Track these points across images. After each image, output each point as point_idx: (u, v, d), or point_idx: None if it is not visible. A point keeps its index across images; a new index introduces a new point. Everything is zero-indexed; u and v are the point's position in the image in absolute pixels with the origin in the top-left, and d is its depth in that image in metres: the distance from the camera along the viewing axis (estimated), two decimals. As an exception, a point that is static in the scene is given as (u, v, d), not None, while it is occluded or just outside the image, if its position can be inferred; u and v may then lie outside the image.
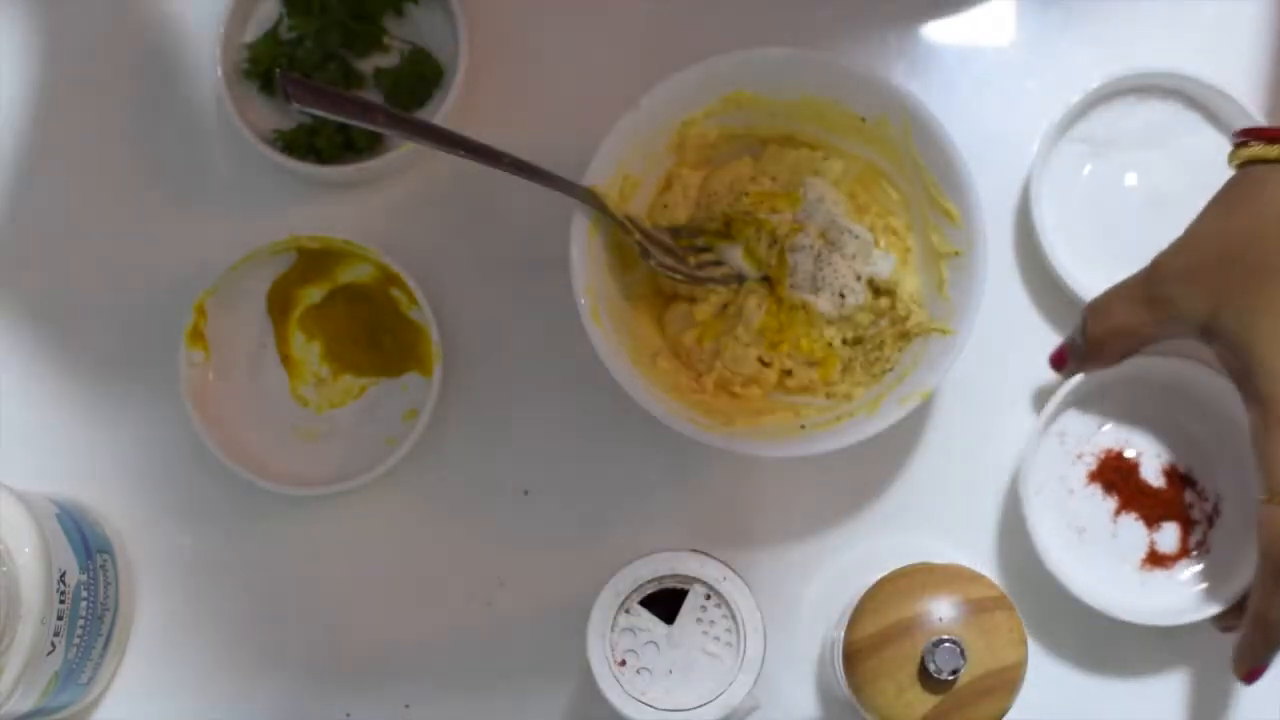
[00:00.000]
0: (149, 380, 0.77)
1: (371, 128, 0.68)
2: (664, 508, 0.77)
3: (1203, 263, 0.68)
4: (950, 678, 0.64)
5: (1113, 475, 0.76)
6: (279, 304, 0.78)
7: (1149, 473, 0.76)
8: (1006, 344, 0.78)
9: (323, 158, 0.77)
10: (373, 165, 0.76)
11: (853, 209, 0.76)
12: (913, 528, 0.77)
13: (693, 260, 0.75)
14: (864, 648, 0.65)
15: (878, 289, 0.75)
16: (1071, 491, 0.76)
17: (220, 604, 0.77)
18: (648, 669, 0.66)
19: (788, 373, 0.75)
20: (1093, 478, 0.76)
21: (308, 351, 0.78)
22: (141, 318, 0.78)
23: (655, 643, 0.66)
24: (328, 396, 0.78)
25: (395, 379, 0.78)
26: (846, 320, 0.75)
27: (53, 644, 0.68)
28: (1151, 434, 0.76)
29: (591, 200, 0.71)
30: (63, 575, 0.68)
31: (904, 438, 0.77)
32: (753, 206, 0.75)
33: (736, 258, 0.75)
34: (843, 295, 0.74)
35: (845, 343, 0.75)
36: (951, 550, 0.77)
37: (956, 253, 0.73)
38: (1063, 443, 0.76)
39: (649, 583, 0.66)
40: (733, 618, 0.66)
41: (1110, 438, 0.76)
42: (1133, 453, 0.76)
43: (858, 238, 0.75)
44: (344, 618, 0.76)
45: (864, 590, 0.67)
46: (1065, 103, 0.77)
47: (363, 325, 0.78)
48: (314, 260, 0.77)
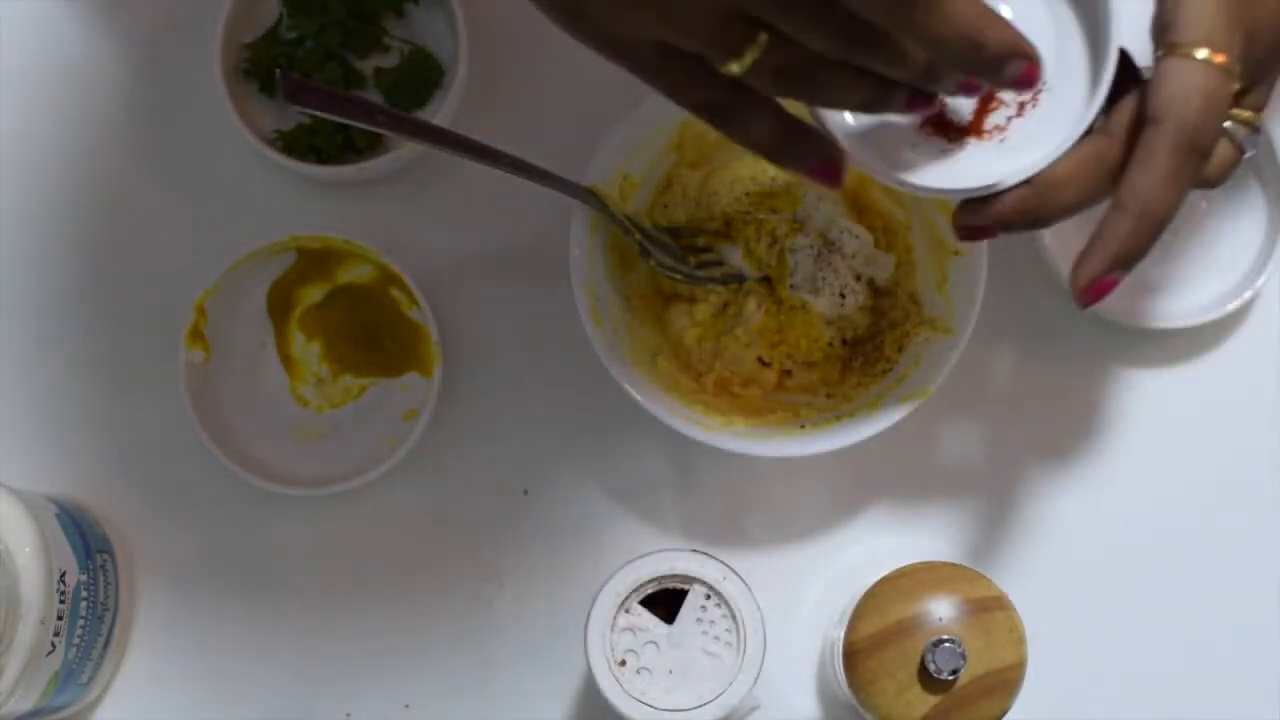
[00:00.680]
0: (149, 380, 0.77)
1: (371, 128, 0.68)
2: (664, 508, 0.77)
3: None
4: (950, 678, 0.64)
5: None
6: (279, 304, 0.78)
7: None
8: (1006, 344, 0.78)
9: (323, 158, 0.77)
10: (373, 165, 0.76)
11: (853, 209, 0.76)
12: (913, 528, 0.77)
13: (693, 260, 0.75)
14: (864, 648, 0.65)
15: (878, 289, 0.75)
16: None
17: (220, 604, 0.77)
18: (648, 669, 0.66)
19: (787, 373, 0.75)
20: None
21: (308, 351, 0.78)
22: (141, 318, 0.78)
23: (655, 643, 0.66)
24: (328, 396, 0.78)
25: (395, 379, 0.78)
26: (846, 320, 0.75)
27: (53, 644, 0.68)
28: None
29: (591, 200, 0.71)
30: (63, 575, 0.68)
31: (904, 438, 0.77)
32: (753, 206, 0.75)
33: (736, 258, 0.75)
34: (843, 295, 0.74)
35: (845, 343, 0.75)
36: (951, 550, 0.77)
37: (956, 253, 0.73)
38: None
39: (649, 583, 0.66)
40: (733, 618, 0.66)
41: None
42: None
43: (858, 238, 0.75)
44: (344, 617, 0.76)
45: (864, 590, 0.67)
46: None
47: (363, 325, 0.78)
48: (314, 260, 0.77)
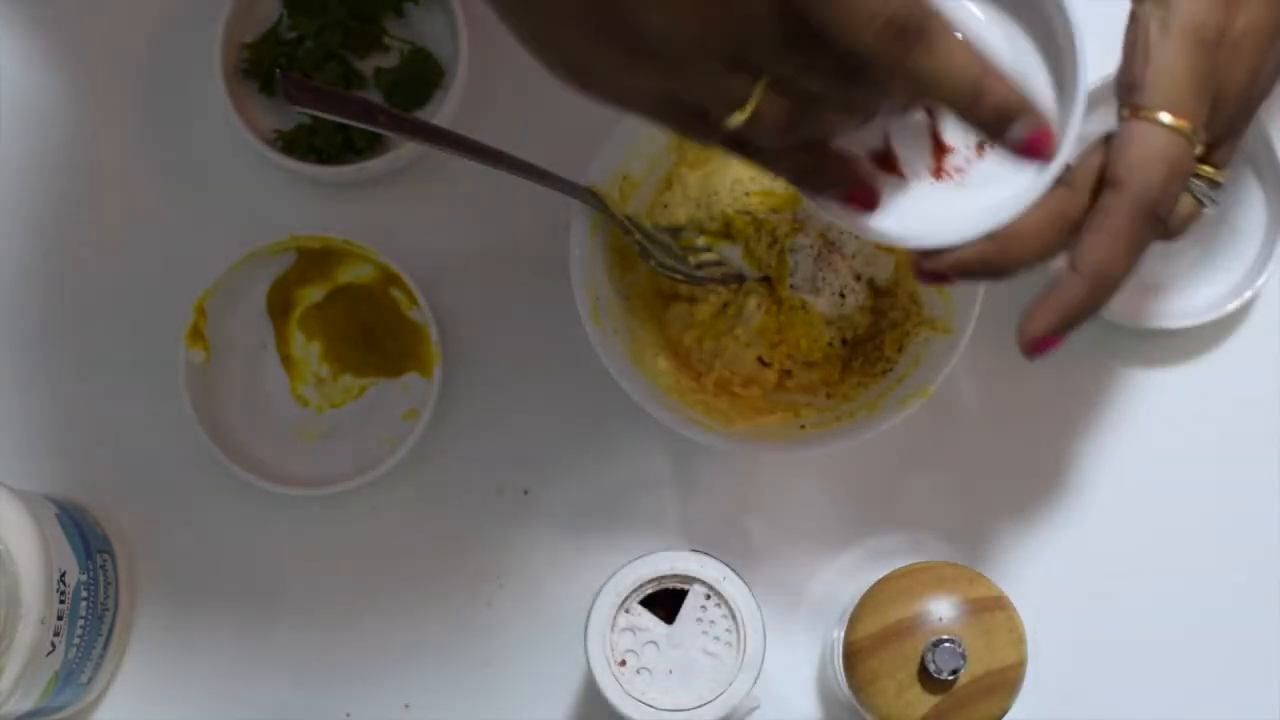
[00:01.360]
0: (149, 380, 0.77)
1: (371, 128, 0.68)
2: (664, 508, 0.77)
3: None
4: (950, 678, 0.64)
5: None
6: (279, 304, 0.78)
7: None
8: (1006, 344, 0.77)
9: (323, 158, 0.77)
10: (373, 165, 0.76)
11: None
12: (913, 528, 0.77)
13: (693, 260, 0.75)
14: (864, 648, 0.65)
15: (878, 289, 0.75)
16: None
17: (220, 604, 0.77)
18: (648, 669, 0.66)
19: (787, 373, 0.75)
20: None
21: (308, 351, 0.78)
22: (141, 318, 0.78)
23: (655, 643, 0.66)
24: (328, 396, 0.78)
25: (395, 379, 0.78)
26: (846, 320, 0.75)
27: (53, 644, 0.68)
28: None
29: (591, 200, 0.71)
30: (63, 575, 0.68)
31: (904, 438, 0.77)
32: (753, 206, 0.75)
33: (736, 258, 0.75)
34: (843, 295, 0.74)
35: (845, 343, 0.75)
36: (951, 550, 0.77)
37: (956, 253, 0.73)
38: None
39: (649, 583, 0.66)
40: (733, 618, 0.66)
41: None
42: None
43: (858, 238, 0.74)
44: (344, 618, 0.76)
45: (864, 590, 0.67)
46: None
47: (363, 325, 0.78)
48: (314, 260, 0.77)
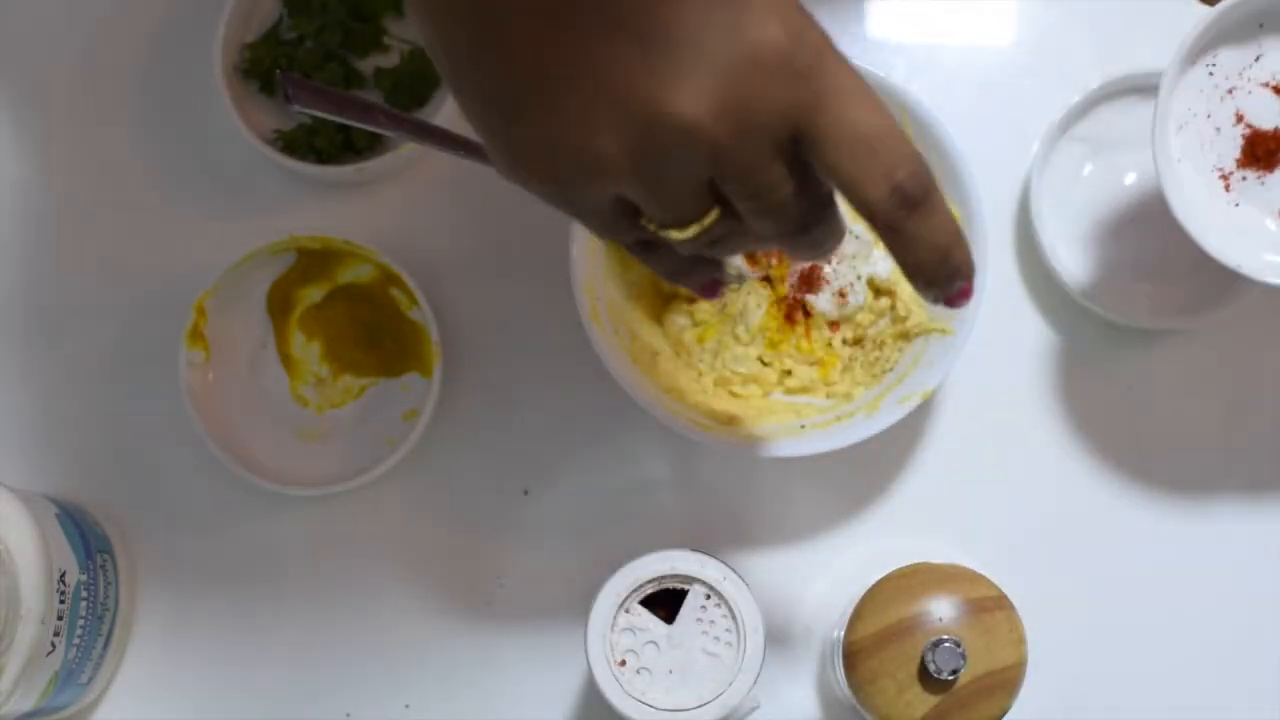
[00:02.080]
0: (149, 380, 0.77)
1: (371, 128, 0.68)
2: (664, 508, 0.77)
3: None
4: (950, 678, 0.64)
5: (1264, 115, 0.67)
6: (279, 304, 0.78)
7: None
8: (1006, 344, 0.78)
9: (323, 158, 0.77)
10: (373, 165, 0.76)
11: (853, 209, 0.75)
12: (913, 528, 0.77)
13: (693, 260, 0.75)
14: (864, 648, 0.65)
15: (878, 289, 0.75)
16: (1218, 131, 0.68)
17: (220, 604, 0.77)
18: (648, 669, 0.66)
19: (788, 373, 0.75)
20: (1240, 119, 0.68)
21: (308, 351, 0.78)
22: (141, 318, 0.78)
23: (655, 643, 0.66)
24: (328, 396, 0.78)
25: (395, 379, 0.78)
26: (846, 320, 0.75)
27: (53, 644, 0.68)
28: None
29: (591, 200, 0.71)
30: (63, 575, 0.68)
31: (904, 438, 0.77)
32: (753, 206, 0.75)
33: (737, 258, 0.75)
34: (843, 295, 0.74)
35: (845, 343, 0.75)
36: (951, 550, 0.77)
37: (956, 253, 0.73)
38: (1211, 74, 0.67)
39: (649, 583, 0.66)
40: (733, 618, 0.66)
41: (1269, 70, 0.67)
42: None
43: (858, 238, 0.74)
44: (344, 617, 0.76)
45: (864, 590, 0.67)
46: (1065, 103, 0.77)
47: (363, 325, 0.78)
48: (314, 260, 0.77)
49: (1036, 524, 0.77)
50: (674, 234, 0.51)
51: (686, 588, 0.67)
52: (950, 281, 0.51)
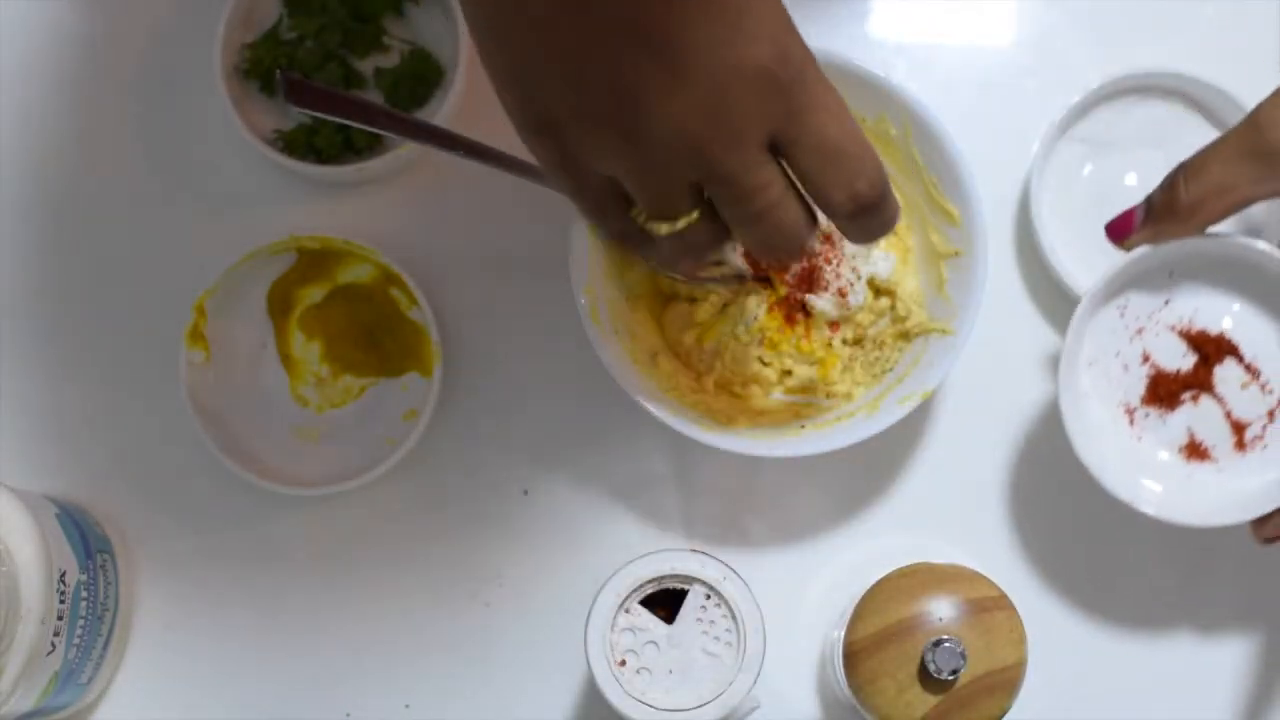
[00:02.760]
0: (149, 380, 0.77)
1: (371, 128, 0.68)
2: (664, 508, 0.77)
3: None
4: (950, 678, 0.64)
5: (1169, 358, 0.72)
6: (279, 304, 0.78)
7: (1208, 359, 0.71)
8: (1006, 344, 0.78)
9: (323, 158, 0.77)
10: (373, 165, 0.76)
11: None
12: (913, 528, 0.77)
13: (693, 260, 0.75)
14: (864, 648, 0.65)
15: (878, 289, 0.75)
16: (1126, 369, 0.72)
17: (220, 604, 0.77)
18: (648, 669, 0.66)
19: (788, 373, 0.75)
20: (1147, 359, 0.72)
21: (308, 351, 0.78)
22: (141, 318, 0.78)
23: (655, 643, 0.66)
24: (328, 396, 0.78)
25: (395, 379, 0.78)
26: (846, 320, 0.75)
27: (53, 644, 0.68)
28: (1217, 316, 0.71)
29: (591, 200, 0.71)
30: (63, 575, 0.68)
31: (904, 438, 0.77)
32: (753, 206, 0.75)
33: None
34: (843, 295, 0.74)
35: (845, 343, 0.75)
36: (951, 550, 0.77)
37: (956, 253, 0.73)
38: (1122, 316, 0.71)
39: (649, 583, 0.66)
40: (733, 618, 0.66)
41: (1174, 315, 0.71)
42: (1194, 334, 0.72)
43: (858, 238, 0.74)
44: (344, 617, 0.76)
45: (864, 590, 0.67)
46: (1065, 103, 0.77)
47: (363, 325, 0.78)
48: (314, 260, 0.77)
49: (1036, 524, 0.77)
50: (660, 227, 0.56)
51: (686, 588, 0.67)
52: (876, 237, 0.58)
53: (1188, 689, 0.76)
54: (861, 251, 0.75)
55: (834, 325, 0.75)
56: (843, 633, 0.67)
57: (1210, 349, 0.71)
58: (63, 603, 0.68)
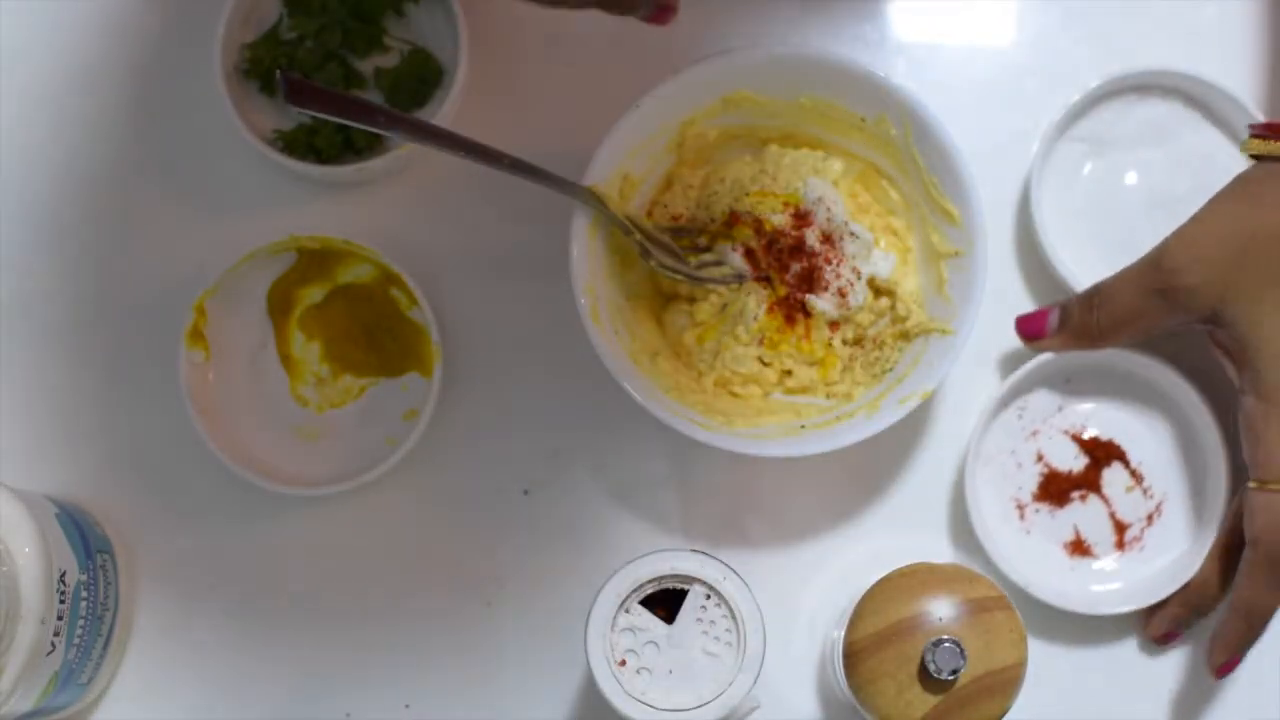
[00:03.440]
0: (149, 380, 0.77)
1: (371, 128, 0.68)
2: (664, 508, 0.77)
3: (1222, 256, 0.68)
4: (950, 678, 0.64)
5: (1061, 459, 0.76)
6: (279, 304, 0.78)
7: (1095, 462, 0.77)
8: (1006, 344, 0.78)
9: (323, 158, 0.77)
10: (373, 165, 0.76)
11: (853, 209, 0.76)
12: (913, 528, 0.77)
13: (693, 260, 0.75)
14: (864, 648, 0.65)
15: (878, 289, 0.75)
16: (1020, 466, 0.76)
17: (220, 604, 0.77)
18: (648, 669, 0.66)
19: (788, 373, 0.75)
20: (1041, 458, 0.76)
21: (308, 351, 0.78)
22: (141, 318, 0.78)
23: (655, 643, 0.66)
24: (328, 396, 0.78)
25: (395, 379, 0.78)
26: (846, 320, 0.75)
27: (53, 644, 0.68)
28: (1108, 423, 0.77)
29: (591, 200, 0.71)
30: (63, 575, 0.68)
31: (904, 438, 0.77)
32: (753, 206, 0.75)
33: (736, 258, 0.75)
34: (843, 295, 0.74)
35: (845, 343, 0.75)
36: (951, 550, 0.77)
37: (956, 253, 0.73)
38: (1020, 418, 0.77)
39: (649, 583, 0.66)
40: (733, 618, 0.66)
41: (1069, 421, 0.77)
42: (1086, 439, 0.77)
43: (858, 238, 0.75)
44: (344, 617, 0.76)
45: (864, 590, 0.67)
46: (1065, 102, 0.77)
47: (363, 325, 0.78)
48: (314, 260, 0.77)
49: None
50: None
51: (686, 588, 0.67)
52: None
53: (1188, 689, 0.76)
54: (861, 251, 0.75)
55: (834, 325, 0.75)
56: (843, 633, 0.67)
57: (1100, 453, 0.76)
58: (63, 603, 0.68)
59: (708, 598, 0.66)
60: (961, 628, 0.65)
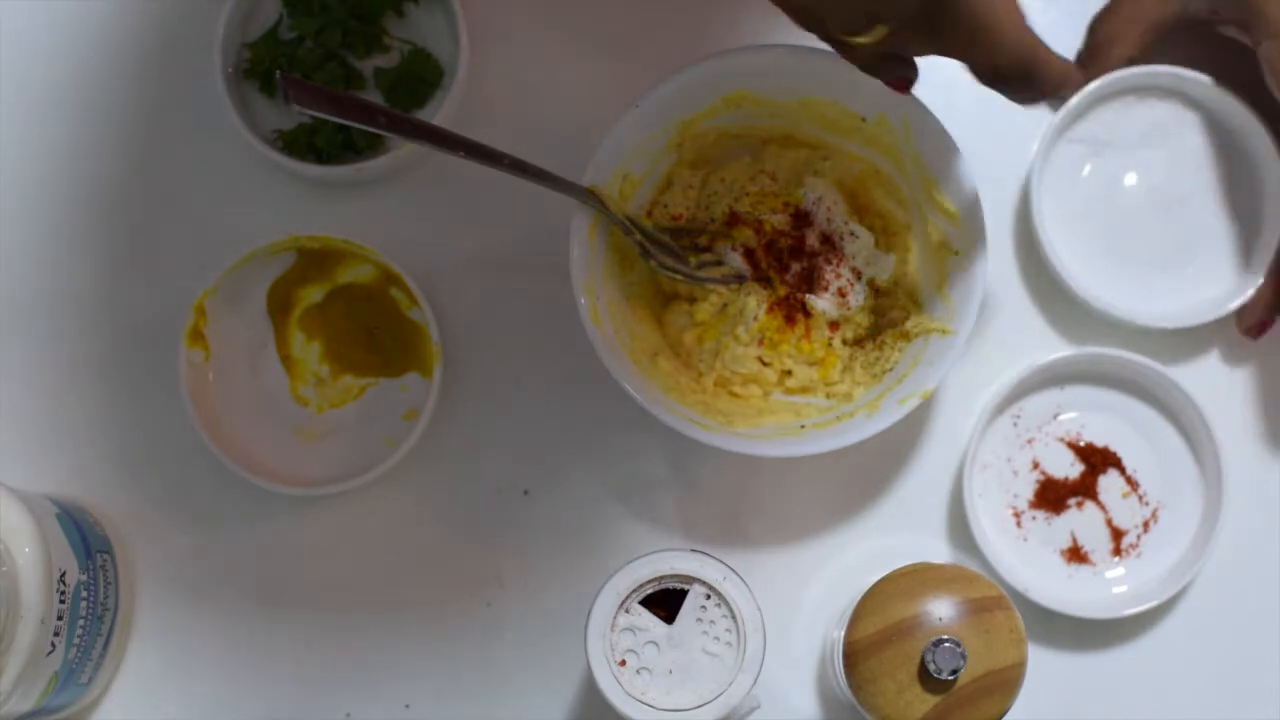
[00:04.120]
0: (149, 380, 0.77)
1: (371, 128, 0.68)
2: (664, 508, 0.77)
3: None
4: (950, 678, 0.64)
5: (1057, 466, 0.77)
6: (279, 304, 0.78)
7: (1092, 469, 0.77)
8: (1007, 344, 0.78)
9: (323, 158, 0.77)
10: (373, 165, 0.76)
11: (853, 209, 0.76)
12: (913, 528, 0.77)
13: (693, 260, 0.75)
14: (864, 648, 0.65)
15: (878, 289, 0.75)
16: (1016, 474, 0.76)
17: (220, 604, 0.77)
18: (648, 669, 0.66)
19: (788, 373, 0.75)
20: (1037, 465, 0.77)
21: (308, 351, 0.78)
22: (141, 318, 0.78)
23: (655, 643, 0.66)
24: (328, 396, 0.78)
25: (395, 379, 0.78)
26: (846, 320, 0.75)
27: (53, 644, 0.68)
28: (1104, 430, 0.77)
29: (591, 200, 0.71)
30: (63, 575, 0.68)
31: (904, 438, 0.77)
32: (753, 206, 0.75)
33: (736, 258, 0.75)
34: (843, 295, 0.74)
35: (845, 343, 0.75)
36: (951, 550, 0.77)
37: (956, 253, 0.73)
38: (1015, 425, 0.77)
39: (649, 583, 0.66)
40: (733, 618, 0.66)
41: (1064, 428, 0.77)
42: (1082, 446, 0.77)
43: (858, 238, 0.75)
44: (344, 618, 0.76)
45: (864, 590, 0.67)
46: (1065, 103, 0.77)
47: (363, 325, 0.78)
48: (314, 260, 0.77)
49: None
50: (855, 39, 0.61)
51: (686, 588, 0.67)
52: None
53: (1189, 688, 0.76)
54: (861, 252, 0.75)
55: (834, 325, 0.75)
56: (843, 633, 0.67)
57: (1096, 460, 0.77)
58: (63, 603, 0.68)
59: (708, 598, 0.66)
60: (961, 628, 0.65)
